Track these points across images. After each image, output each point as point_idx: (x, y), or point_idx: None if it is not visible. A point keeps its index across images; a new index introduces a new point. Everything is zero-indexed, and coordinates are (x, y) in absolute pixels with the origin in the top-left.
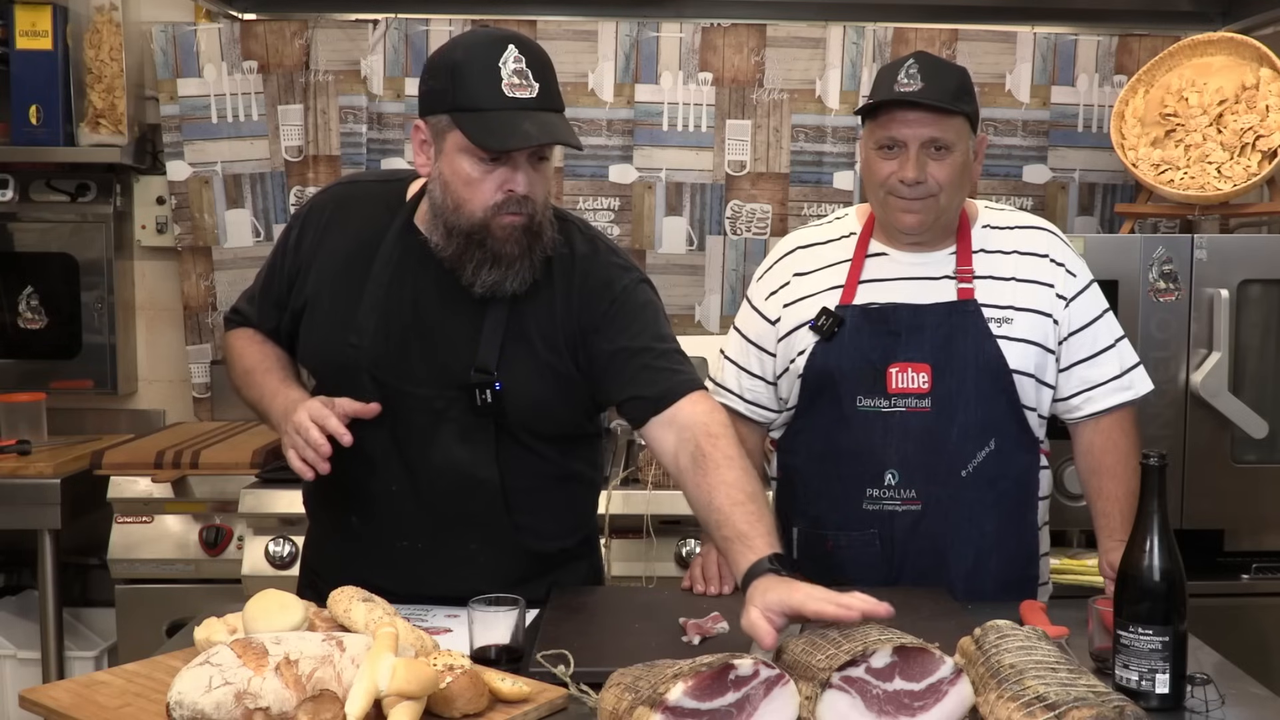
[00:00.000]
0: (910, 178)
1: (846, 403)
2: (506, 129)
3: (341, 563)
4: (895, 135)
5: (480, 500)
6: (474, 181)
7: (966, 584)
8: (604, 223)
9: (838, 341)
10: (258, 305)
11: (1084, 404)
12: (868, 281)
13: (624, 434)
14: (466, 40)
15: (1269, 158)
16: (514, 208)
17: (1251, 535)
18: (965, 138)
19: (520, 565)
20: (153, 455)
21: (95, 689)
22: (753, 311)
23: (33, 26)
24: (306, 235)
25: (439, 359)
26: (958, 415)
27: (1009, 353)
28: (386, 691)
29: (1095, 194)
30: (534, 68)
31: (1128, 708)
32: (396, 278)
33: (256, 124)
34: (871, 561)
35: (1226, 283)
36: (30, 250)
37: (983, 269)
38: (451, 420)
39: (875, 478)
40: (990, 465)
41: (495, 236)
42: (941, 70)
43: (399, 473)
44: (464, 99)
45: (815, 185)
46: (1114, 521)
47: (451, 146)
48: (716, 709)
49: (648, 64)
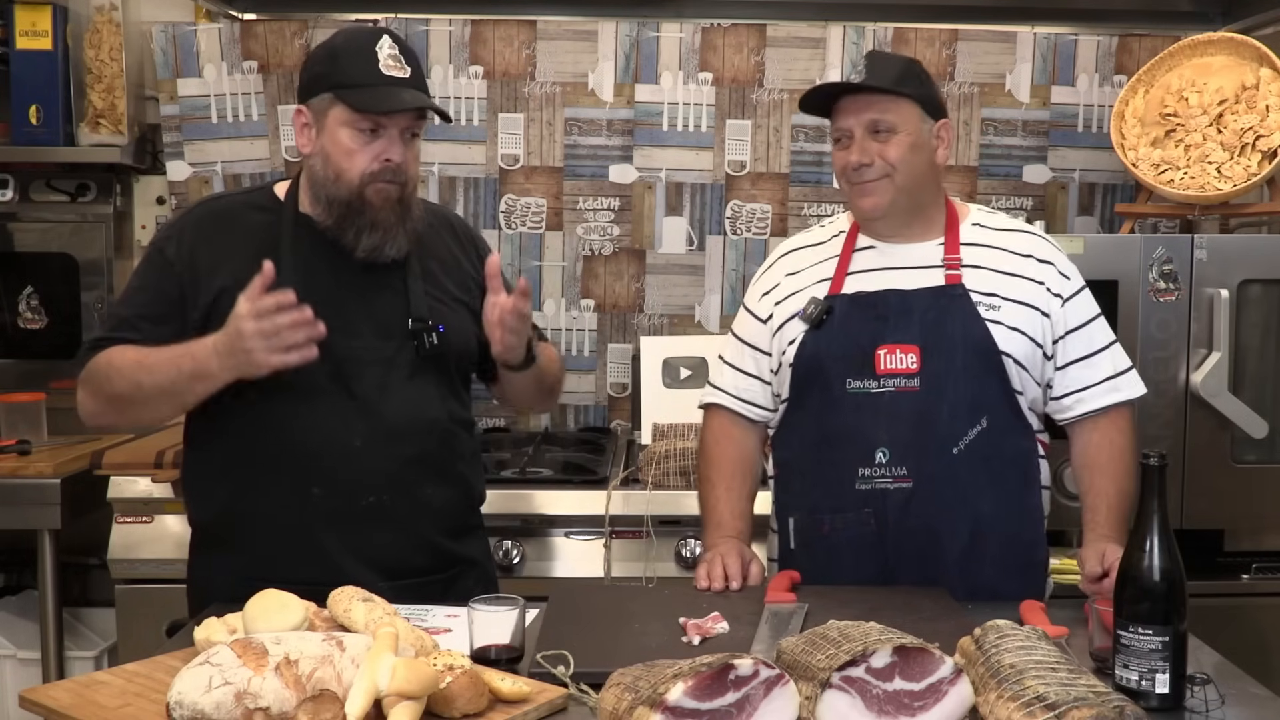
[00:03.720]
0: (854, 161)
1: (836, 386)
2: (387, 97)
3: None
4: (841, 125)
5: (432, 439)
6: (353, 152)
7: (962, 566)
8: (604, 223)
9: (826, 329)
10: (139, 328)
11: (1076, 404)
12: (856, 273)
13: (624, 434)
14: (343, 32)
15: (1269, 158)
16: (389, 176)
17: (1251, 535)
18: (914, 120)
19: (463, 511)
20: (153, 455)
21: (95, 689)
22: (747, 314)
23: (33, 26)
24: (183, 250)
25: (377, 315)
26: (947, 393)
27: (997, 335)
28: (386, 691)
29: (1095, 194)
30: (405, 55)
31: (1128, 708)
32: (309, 258)
33: (256, 124)
34: (867, 542)
35: (1226, 283)
36: (30, 250)
37: (970, 259)
38: (400, 367)
39: (866, 457)
40: (983, 443)
41: (371, 204)
42: (887, 61)
43: (360, 427)
44: (344, 78)
45: (815, 185)
46: (1099, 515)
47: (333, 122)
48: (716, 709)
49: (648, 64)
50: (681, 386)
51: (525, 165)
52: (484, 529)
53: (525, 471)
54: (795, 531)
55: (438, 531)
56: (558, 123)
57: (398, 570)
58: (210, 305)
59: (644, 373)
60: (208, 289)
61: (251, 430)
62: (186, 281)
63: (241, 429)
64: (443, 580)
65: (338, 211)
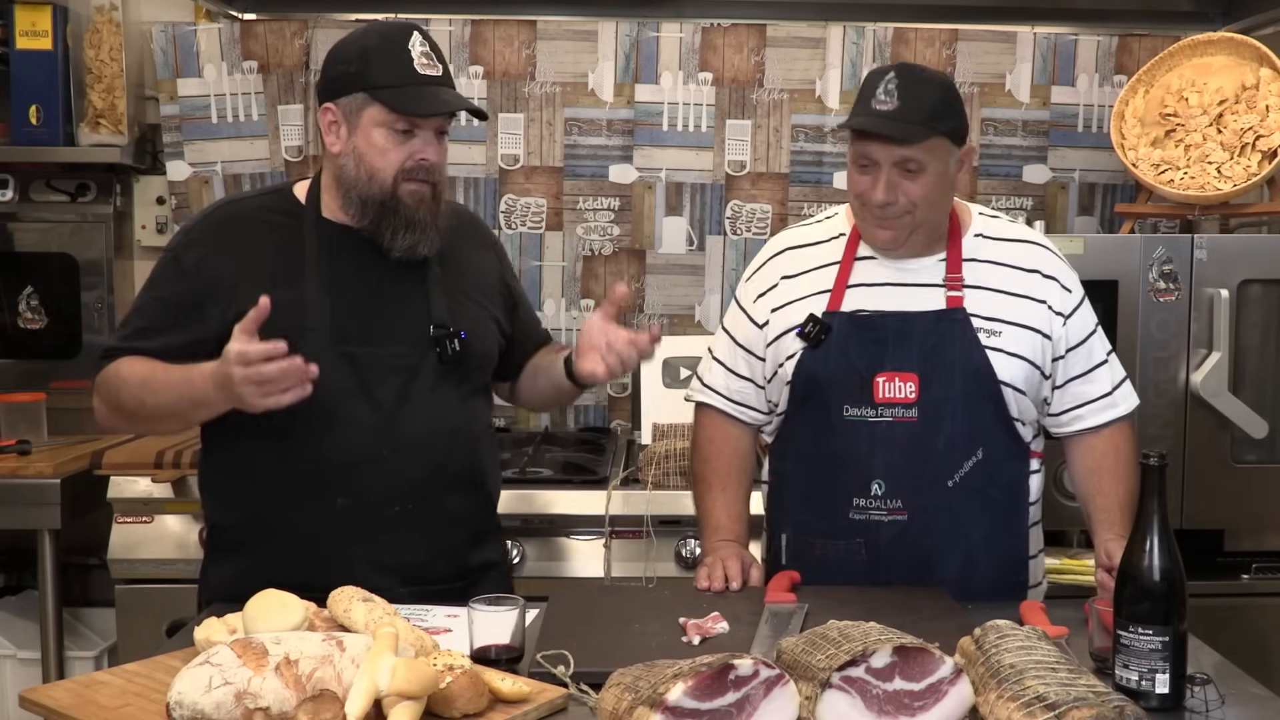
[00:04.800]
0: (879, 200)
1: (834, 411)
2: (425, 98)
3: (316, 555)
4: (868, 154)
5: (457, 447)
6: (387, 152)
7: (954, 589)
8: (604, 223)
9: (825, 349)
10: (152, 338)
11: (1074, 421)
12: (855, 286)
13: (624, 434)
14: (373, 29)
15: (1269, 158)
16: (422, 175)
17: (1251, 535)
18: (943, 155)
19: (484, 517)
20: (153, 455)
21: (95, 689)
22: (741, 313)
23: (33, 26)
24: (201, 258)
25: (399, 321)
26: (944, 425)
27: (996, 364)
28: (386, 691)
29: (1095, 194)
30: (435, 53)
31: (1128, 708)
32: (330, 263)
33: (256, 124)
34: (858, 569)
35: (1226, 283)
36: (30, 250)
37: (972, 278)
38: (424, 375)
39: (861, 487)
40: (978, 475)
41: (405, 203)
42: (921, 87)
43: (385, 436)
44: (379, 78)
45: (815, 185)
46: (1113, 515)
47: (367, 122)
48: (716, 709)
49: (648, 64)
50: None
51: (525, 165)
52: (501, 530)
53: (525, 471)
54: (787, 547)
55: (460, 539)
56: (558, 123)
57: (419, 579)
58: (235, 319)
59: (644, 373)
60: (229, 302)
61: (274, 439)
62: (206, 292)
63: (263, 437)
64: (461, 587)
65: (373, 211)
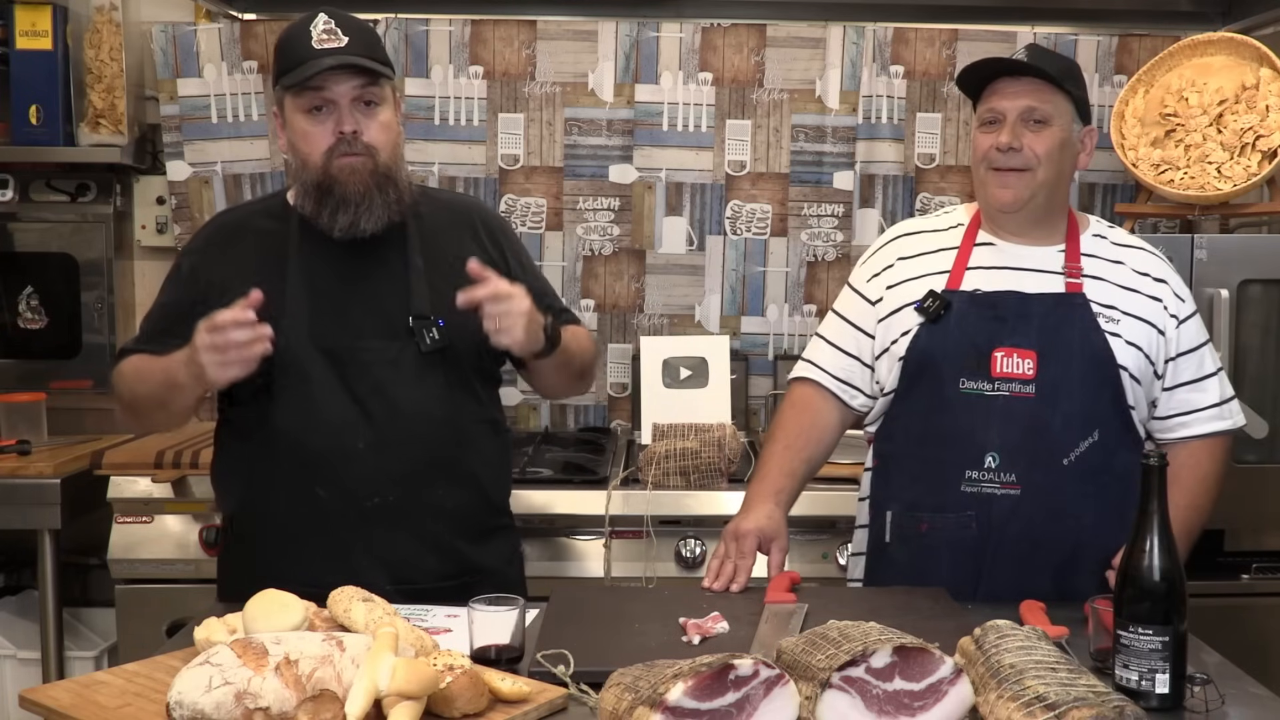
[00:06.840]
0: (1004, 142)
1: (949, 385)
2: (311, 68)
3: (304, 546)
4: (995, 106)
5: (441, 439)
6: (310, 134)
7: (1058, 577)
8: (604, 222)
9: (943, 324)
10: (156, 340)
11: (1180, 427)
12: (975, 268)
13: (624, 434)
14: (289, 25)
15: (1269, 158)
16: (346, 148)
17: (1251, 535)
18: (1067, 117)
19: (482, 513)
20: (153, 455)
21: (95, 689)
22: (853, 294)
23: (33, 26)
24: (197, 268)
25: (378, 313)
26: (1061, 403)
27: (1116, 349)
28: (386, 691)
29: (1095, 194)
30: (343, 26)
31: (1128, 708)
32: (309, 261)
33: (256, 124)
34: (965, 545)
35: (1226, 283)
36: (30, 250)
37: (1090, 270)
38: (405, 366)
39: (975, 460)
40: (1093, 456)
41: (338, 180)
42: (1051, 56)
43: (364, 429)
44: (284, 66)
45: (815, 185)
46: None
47: (289, 113)
48: (716, 709)
49: (648, 64)
50: (681, 386)
51: (525, 165)
52: (512, 531)
53: (525, 471)
54: (892, 525)
55: (453, 534)
56: (558, 123)
57: (410, 573)
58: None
59: (644, 373)
60: (220, 304)
61: (262, 431)
62: (198, 296)
63: (253, 429)
64: (455, 586)
65: (312, 197)
